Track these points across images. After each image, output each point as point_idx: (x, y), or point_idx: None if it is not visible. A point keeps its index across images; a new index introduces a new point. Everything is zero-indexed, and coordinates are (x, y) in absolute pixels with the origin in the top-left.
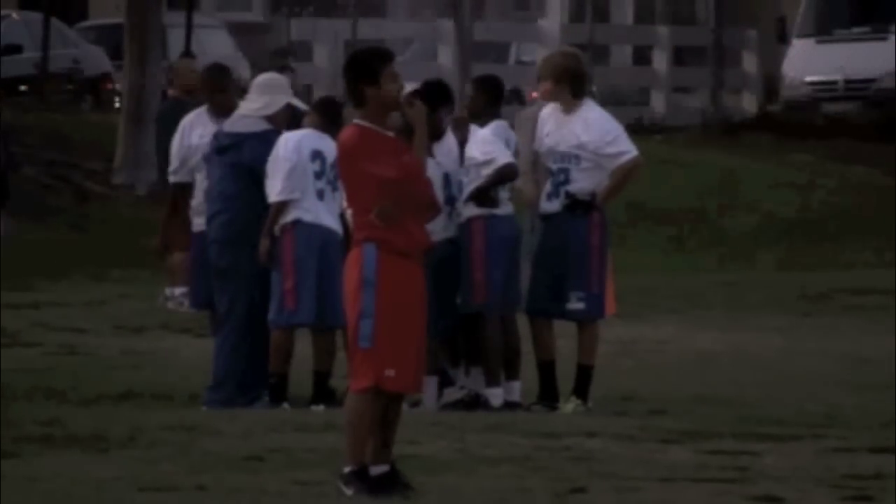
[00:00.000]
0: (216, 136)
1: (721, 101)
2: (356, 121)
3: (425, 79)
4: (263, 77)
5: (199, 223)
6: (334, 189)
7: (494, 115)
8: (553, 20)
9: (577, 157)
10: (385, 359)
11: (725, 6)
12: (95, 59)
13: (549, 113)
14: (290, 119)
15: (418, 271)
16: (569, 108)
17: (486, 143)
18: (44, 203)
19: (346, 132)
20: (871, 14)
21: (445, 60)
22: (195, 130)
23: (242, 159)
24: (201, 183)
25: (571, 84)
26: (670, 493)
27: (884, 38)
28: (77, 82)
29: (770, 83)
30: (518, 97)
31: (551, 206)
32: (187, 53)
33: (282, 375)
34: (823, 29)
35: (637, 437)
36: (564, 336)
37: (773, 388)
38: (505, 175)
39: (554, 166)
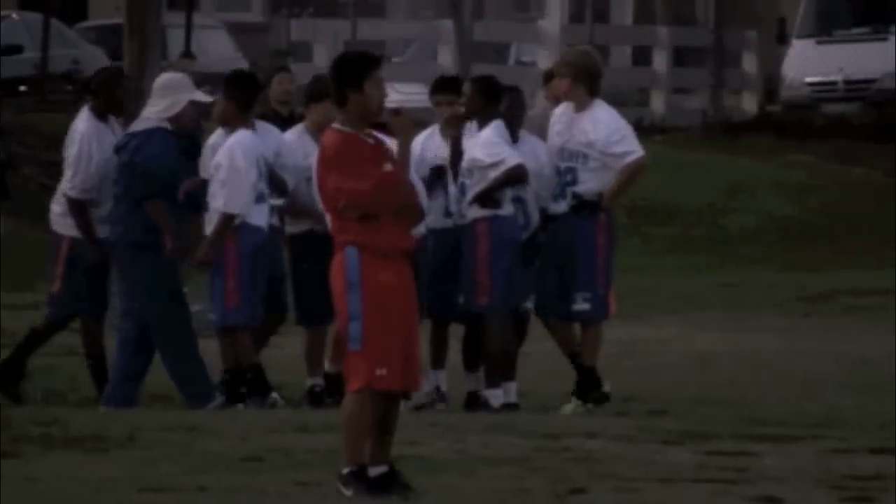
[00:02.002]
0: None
1: (721, 102)
2: (337, 126)
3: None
4: (164, 78)
5: (66, 224)
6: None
7: (493, 115)
8: (553, 20)
9: (585, 156)
10: (375, 359)
11: (725, 6)
12: (95, 60)
13: (561, 111)
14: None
15: (403, 271)
16: (581, 107)
17: (493, 145)
18: (44, 203)
19: (328, 139)
20: (871, 15)
21: (445, 60)
22: (96, 141)
23: (125, 158)
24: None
25: (589, 82)
26: (670, 493)
27: (884, 39)
28: (77, 82)
29: (770, 84)
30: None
31: (557, 206)
32: (187, 54)
33: (256, 368)
34: (823, 30)
35: (637, 438)
36: None
37: (773, 389)
38: (515, 176)
39: (562, 165)
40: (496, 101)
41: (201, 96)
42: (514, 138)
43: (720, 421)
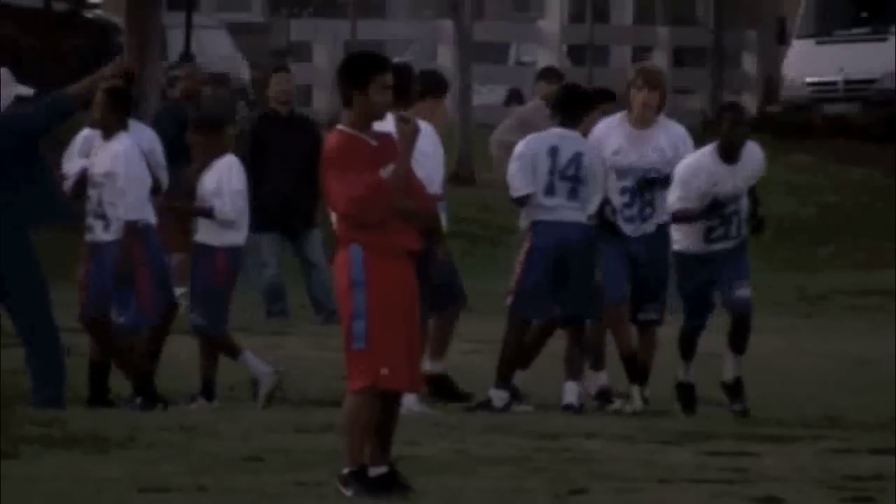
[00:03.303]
0: None
1: (721, 102)
2: (341, 127)
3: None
4: None
5: None
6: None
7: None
8: (553, 20)
9: (659, 171)
10: (379, 358)
11: (725, 6)
12: None
13: (611, 128)
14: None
15: (407, 271)
16: (649, 124)
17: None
18: None
19: (332, 139)
20: (871, 15)
21: (445, 60)
22: None
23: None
24: None
25: (662, 100)
26: (670, 494)
27: (883, 39)
28: None
29: (770, 84)
30: (518, 98)
31: (636, 229)
32: (187, 54)
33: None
34: (823, 30)
35: (636, 438)
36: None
37: (773, 389)
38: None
39: (629, 184)
40: (574, 109)
41: (23, 90)
42: (734, 158)
43: (720, 421)
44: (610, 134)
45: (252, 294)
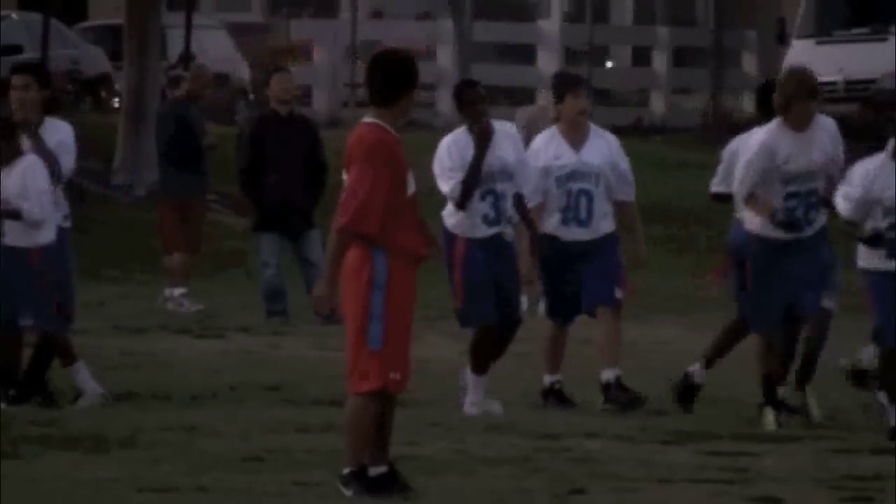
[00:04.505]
0: None
1: (721, 102)
2: (375, 121)
3: None
4: None
5: None
6: None
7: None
8: (553, 20)
9: (819, 175)
10: (391, 362)
11: (725, 6)
12: (95, 60)
13: (776, 136)
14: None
15: (414, 275)
16: (808, 126)
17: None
18: None
19: (368, 132)
20: (871, 15)
21: (445, 60)
22: None
23: None
24: None
25: None
26: (669, 493)
27: (883, 39)
28: (77, 83)
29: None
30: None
31: (808, 231)
32: (187, 54)
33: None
34: (823, 30)
35: (636, 438)
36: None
37: None
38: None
39: (802, 189)
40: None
41: None
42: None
43: (720, 421)
44: (777, 143)
45: (252, 294)
